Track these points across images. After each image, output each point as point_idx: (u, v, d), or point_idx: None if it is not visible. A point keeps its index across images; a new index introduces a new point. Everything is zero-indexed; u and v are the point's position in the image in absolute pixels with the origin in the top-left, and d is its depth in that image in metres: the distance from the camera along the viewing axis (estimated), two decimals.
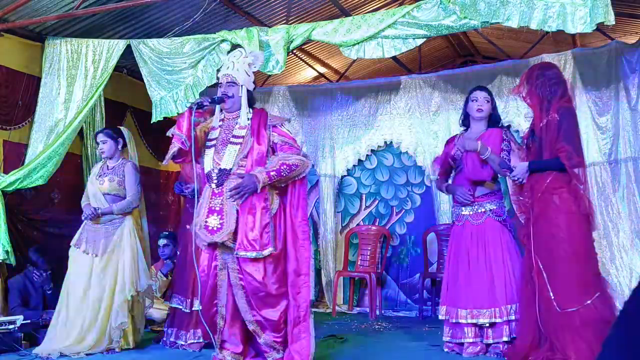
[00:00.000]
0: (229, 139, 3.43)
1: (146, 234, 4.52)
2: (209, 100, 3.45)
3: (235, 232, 3.31)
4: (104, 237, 4.23)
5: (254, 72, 3.60)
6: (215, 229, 3.32)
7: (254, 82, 3.59)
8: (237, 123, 3.47)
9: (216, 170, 3.39)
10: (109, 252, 4.20)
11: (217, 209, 3.35)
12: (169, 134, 3.61)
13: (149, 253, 4.48)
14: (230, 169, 3.37)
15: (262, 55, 3.76)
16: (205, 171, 3.48)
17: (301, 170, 3.40)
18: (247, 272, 3.30)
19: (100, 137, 4.41)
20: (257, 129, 3.42)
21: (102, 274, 4.17)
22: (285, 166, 3.33)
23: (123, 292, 4.12)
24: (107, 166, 4.40)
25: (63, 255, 4.44)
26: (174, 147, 3.45)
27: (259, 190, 3.26)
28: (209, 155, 3.47)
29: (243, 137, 3.41)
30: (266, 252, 3.27)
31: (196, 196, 3.54)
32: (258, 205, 3.29)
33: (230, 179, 3.36)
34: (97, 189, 4.31)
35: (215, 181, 3.39)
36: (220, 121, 3.55)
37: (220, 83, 3.51)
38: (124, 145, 4.47)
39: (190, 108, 3.39)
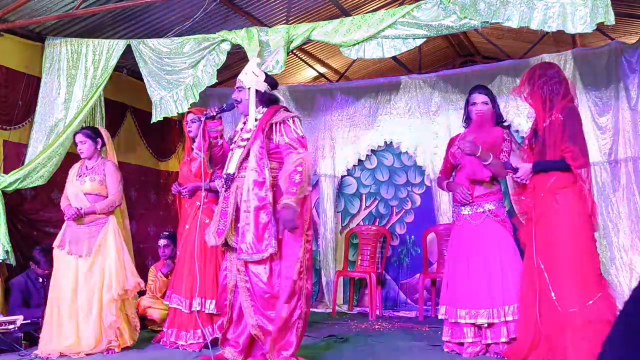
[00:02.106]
0: (239, 142, 3.47)
1: (129, 233, 4.53)
2: (218, 109, 3.51)
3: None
4: (87, 238, 4.22)
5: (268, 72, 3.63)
6: (222, 231, 3.40)
7: (267, 82, 3.52)
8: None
9: (225, 176, 3.45)
10: (94, 253, 4.19)
11: (224, 212, 3.43)
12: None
13: (132, 251, 4.49)
14: (234, 173, 3.40)
15: (273, 55, 3.79)
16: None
17: (308, 165, 3.31)
18: (254, 274, 3.33)
19: (79, 138, 4.40)
20: (259, 129, 3.41)
21: (89, 274, 4.17)
22: (293, 175, 3.25)
23: (110, 292, 4.12)
24: (86, 166, 4.40)
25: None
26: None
27: (298, 210, 3.21)
28: (227, 161, 3.53)
29: (248, 139, 3.42)
30: (265, 254, 3.28)
31: (202, 201, 3.69)
32: (253, 206, 3.30)
33: (235, 183, 3.40)
34: (78, 189, 4.30)
35: (224, 186, 3.45)
36: (242, 124, 3.58)
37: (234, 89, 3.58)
38: (103, 144, 4.47)
39: (200, 120, 3.52)
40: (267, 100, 3.53)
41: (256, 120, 3.46)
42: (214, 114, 3.50)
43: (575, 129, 3.37)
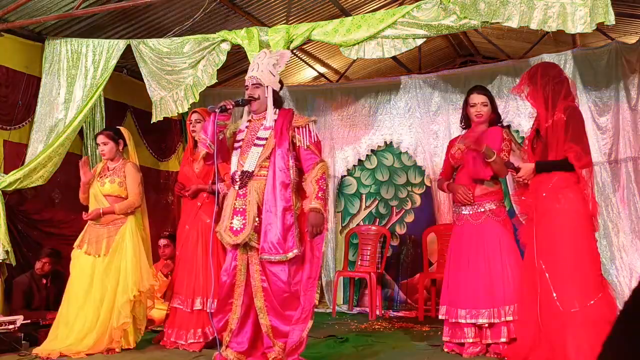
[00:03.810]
0: (254, 140, 3.45)
1: (148, 234, 4.52)
2: (233, 103, 3.45)
3: (259, 234, 3.33)
4: (106, 238, 4.24)
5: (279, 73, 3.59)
6: (238, 230, 3.35)
7: (280, 82, 3.58)
8: (262, 124, 3.48)
9: (239, 172, 3.42)
10: (111, 253, 4.20)
11: (240, 210, 3.37)
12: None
13: (151, 253, 4.48)
14: (252, 171, 3.39)
15: (287, 53, 3.72)
16: (231, 173, 3.50)
17: (328, 174, 3.49)
18: (273, 273, 3.32)
19: (101, 139, 4.38)
20: (280, 130, 3.42)
21: (105, 274, 4.17)
22: (321, 181, 3.37)
23: (126, 292, 4.11)
24: (108, 167, 4.39)
25: (63, 255, 4.44)
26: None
27: (325, 215, 3.34)
28: (235, 157, 3.49)
29: (267, 138, 3.42)
30: (290, 255, 3.30)
31: (217, 197, 3.58)
32: (280, 206, 3.31)
33: (253, 181, 3.38)
34: (97, 190, 4.30)
35: (239, 183, 3.40)
36: (247, 122, 3.56)
37: (246, 85, 3.51)
38: (124, 145, 4.46)
39: (214, 112, 3.40)
40: (278, 101, 3.56)
41: (274, 121, 3.46)
42: (230, 106, 3.44)
43: (579, 129, 3.37)
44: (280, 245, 3.28)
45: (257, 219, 3.34)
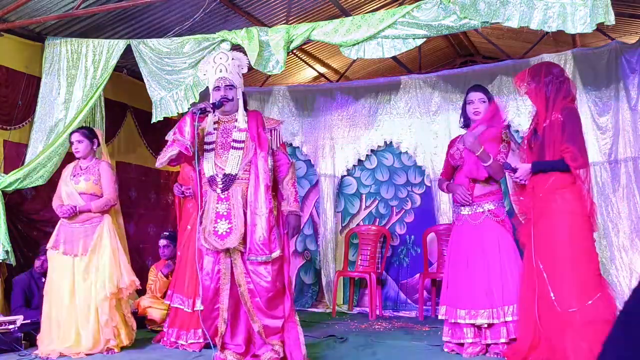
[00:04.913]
0: (230, 143, 3.44)
1: (123, 232, 4.52)
2: (211, 105, 3.42)
3: (244, 236, 3.35)
4: (82, 237, 4.21)
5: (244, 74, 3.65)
6: (224, 234, 3.34)
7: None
8: (234, 126, 3.47)
9: (220, 176, 3.39)
10: (90, 252, 4.18)
11: (225, 213, 3.36)
12: (168, 138, 3.58)
13: (127, 250, 4.48)
14: (236, 174, 3.38)
15: (244, 58, 3.71)
16: (207, 176, 3.44)
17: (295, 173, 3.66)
18: (258, 273, 3.35)
19: (76, 137, 4.38)
20: (257, 133, 3.44)
21: (85, 274, 4.16)
22: (295, 184, 3.55)
23: (104, 290, 4.11)
24: (80, 166, 4.38)
25: None
26: (172, 151, 3.39)
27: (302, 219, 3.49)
28: (209, 160, 3.44)
29: (244, 141, 3.42)
30: (274, 255, 3.34)
31: (199, 201, 3.45)
32: (266, 208, 3.33)
33: (236, 184, 3.38)
34: (72, 189, 4.29)
35: (221, 186, 3.39)
36: (214, 124, 3.53)
37: (218, 86, 3.49)
38: (98, 144, 4.47)
39: (194, 113, 3.34)
40: (246, 102, 3.60)
41: (245, 122, 3.48)
42: (210, 109, 3.41)
43: (575, 130, 3.37)
44: (265, 246, 3.32)
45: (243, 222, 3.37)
